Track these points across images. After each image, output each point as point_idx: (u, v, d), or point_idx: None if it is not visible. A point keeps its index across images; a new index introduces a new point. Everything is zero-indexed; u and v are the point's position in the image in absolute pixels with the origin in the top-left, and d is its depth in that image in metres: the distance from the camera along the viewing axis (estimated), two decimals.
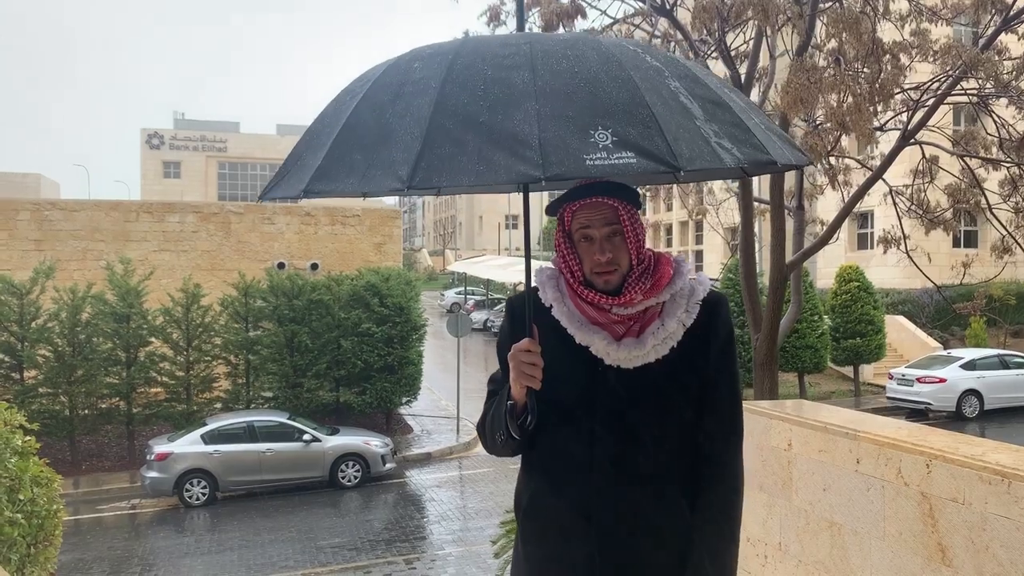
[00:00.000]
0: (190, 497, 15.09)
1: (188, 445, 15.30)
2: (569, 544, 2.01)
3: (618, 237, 1.99)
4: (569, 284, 2.04)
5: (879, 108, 9.54)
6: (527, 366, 1.91)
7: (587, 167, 1.59)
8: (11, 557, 3.97)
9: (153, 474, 15.01)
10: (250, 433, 15.81)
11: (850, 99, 8.81)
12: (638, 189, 2.44)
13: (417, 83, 1.79)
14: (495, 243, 68.45)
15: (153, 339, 18.37)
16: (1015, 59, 10.65)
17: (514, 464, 2.20)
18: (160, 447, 15.25)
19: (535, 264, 2.09)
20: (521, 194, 2.24)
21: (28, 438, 4.48)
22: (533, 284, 2.08)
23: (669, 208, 44.38)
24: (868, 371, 24.42)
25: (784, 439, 4.03)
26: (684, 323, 2.00)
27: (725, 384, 2.06)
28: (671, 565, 2.01)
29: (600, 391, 1.99)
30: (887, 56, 9.06)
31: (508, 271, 35.03)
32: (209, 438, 15.47)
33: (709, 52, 10.18)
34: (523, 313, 2.02)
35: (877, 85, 8.88)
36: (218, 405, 18.93)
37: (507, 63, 1.77)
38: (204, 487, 15.18)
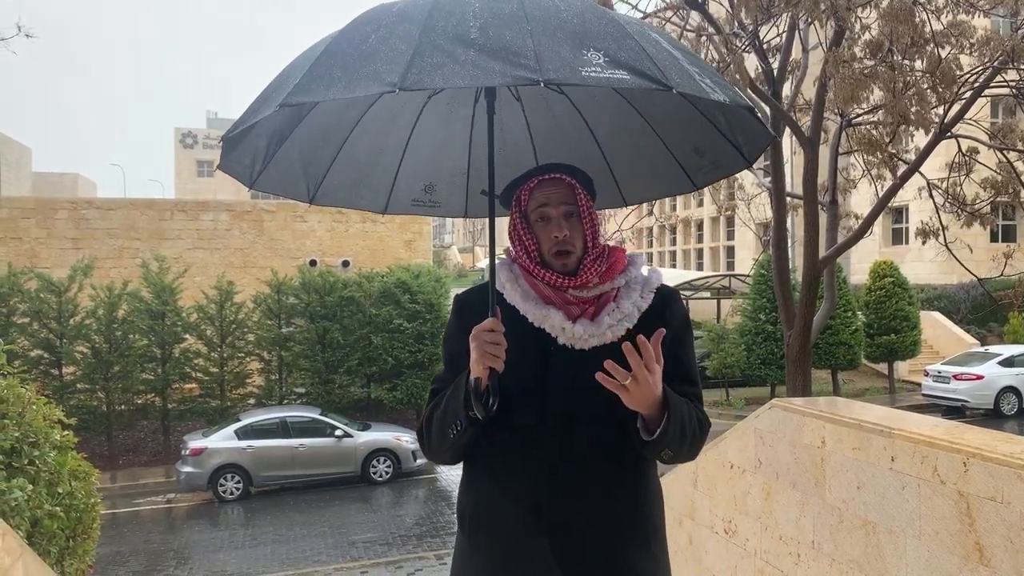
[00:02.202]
0: (224, 492, 15.28)
1: (222, 440, 15.49)
2: (521, 544, 1.93)
3: (574, 219, 2.00)
4: (524, 267, 2.03)
5: (945, 96, 9.33)
6: (490, 345, 1.83)
7: (583, 76, 1.57)
8: (51, 549, 4.05)
9: (188, 469, 15.22)
10: (283, 429, 15.98)
11: (912, 91, 8.62)
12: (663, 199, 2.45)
13: (399, 14, 1.77)
14: None
15: (187, 336, 18.63)
16: None
17: None
18: (195, 442, 15.46)
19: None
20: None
21: (66, 433, 4.56)
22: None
23: (700, 204, 44.07)
24: (903, 368, 24.08)
25: (817, 436, 3.99)
26: (639, 307, 1.99)
27: (684, 360, 2.02)
28: (634, 553, 1.96)
29: (553, 373, 1.94)
30: (930, 46, 8.87)
31: None
32: (243, 433, 15.66)
33: (743, 47, 10.08)
34: (472, 305, 2.00)
35: (938, 74, 8.67)
36: (251, 401, 19.15)
37: None
38: (238, 482, 15.37)
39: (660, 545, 2.05)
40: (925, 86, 8.71)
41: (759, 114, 2.07)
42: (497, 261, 2.08)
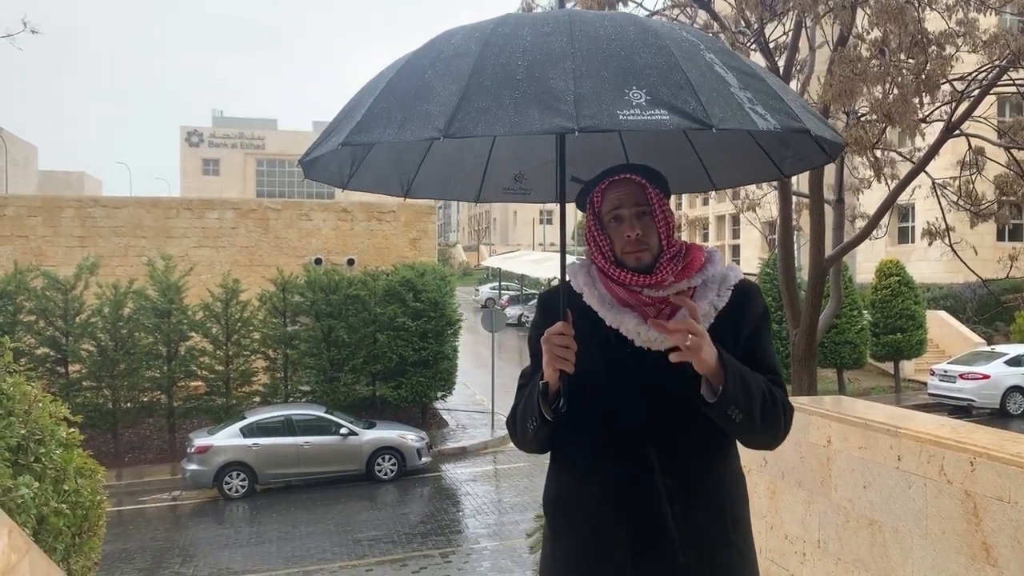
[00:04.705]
0: (229, 489, 15.30)
1: (227, 438, 15.52)
2: (600, 537, 1.98)
3: (647, 217, 2.01)
4: (600, 269, 2.05)
5: (925, 100, 9.34)
6: (560, 348, 1.89)
7: (620, 121, 1.59)
8: (56, 547, 4.05)
9: (193, 467, 15.24)
10: (288, 426, 16.00)
11: (896, 91, 8.63)
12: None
13: (457, 48, 1.84)
14: (529, 238, 68.48)
15: (193, 334, 18.64)
16: None
17: (548, 459, 2.18)
18: (200, 440, 15.49)
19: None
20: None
21: (72, 430, 4.56)
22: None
23: (706, 203, 44.04)
24: (909, 367, 24.01)
25: (823, 435, 3.98)
26: (716, 306, 1.99)
27: (761, 352, 2.02)
28: (714, 544, 1.97)
29: (629, 374, 1.96)
30: (933, 47, 8.85)
31: (542, 266, 34.97)
32: (248, 431, 15.68)
33: (748, 44, 10.06)
34: (554, 305, 2.02)
35: (923, 76, 8.68)
36: (257, 399, 19.17)
37: (545, 30, 1.80)
38: (243, 479, 15.39)
39: (743, 535, 2.05)
40: (911, 87, 8.69)
41: (825, 123, 2.04)
42: (577, 263, 2.11)
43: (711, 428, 1.95)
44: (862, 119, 11.17)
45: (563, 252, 2.10)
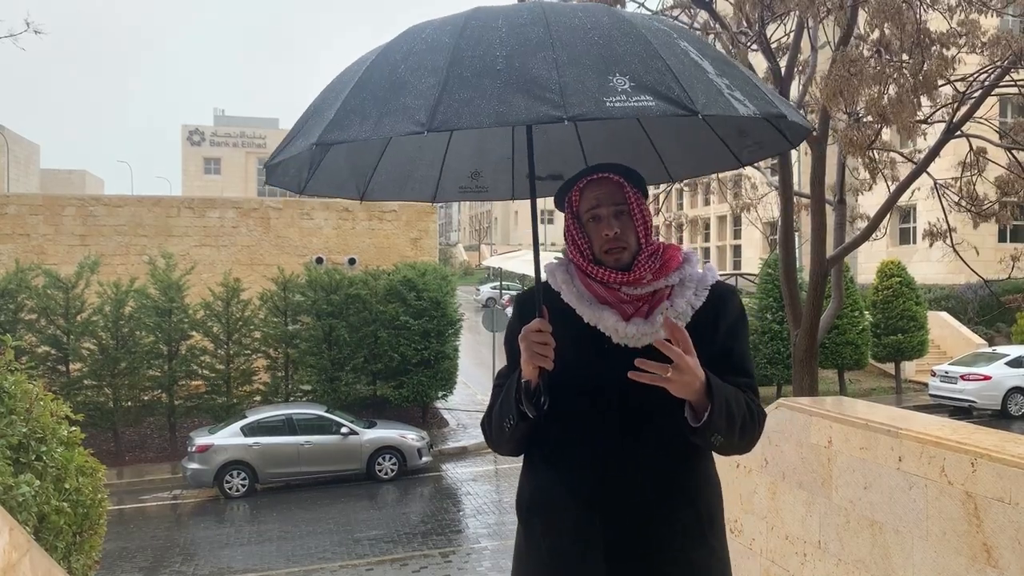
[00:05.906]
0: (230, 488, 15.31)
1: (228, 437, 15.53)
2: (574, 537, 1.98)
3: (625, 216, 2.02)
4: (579, 267, 2.06)
5: (923, 100, 9.33)
6: (538, 345, 1.88)
7: (607, 108, 1.59)
8: (57, 545, 4.06)
9: (194, 465, 15.25)
10: (289, 426, 16.00)
11: (892, 91, 8.62)
12: (679, 184, 2.47)
13: (429, 42, 1.80)
14: (530, 238, 68.35)
15: (194, 333, 18.66)
16: None
17: None
18: (201, 439, 15.50)
19: (546, 257, 2.12)
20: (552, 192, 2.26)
21: (73, 429, 4.56)
22: (542, 274, 2.11)
23: (707, 203, 44.00)
24: (910, 368, 23.99)
25: (824, 436, 3.98)
26: (693, 305, 2.01)
27: (737, 353, 2.03)
28: (689, 544, 1.98)
29: (608, 371, 1.96)
30: (935, 47, 8.84)
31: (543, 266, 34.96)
32: (249, 430, 15.69)
33: (749, 44, 10.05)
34: (531, 305, 2.02)
35: (921, 77, 8.68)
36: (257, 398, 19.17)
37: (520, 21, 1.77)
38: (244, 479, 15.40)
39: (718, 536, 2.06)
40: (908, 87, 8.68)
41: (794, 109, 2.04)
42: (555, 262, 2.12)
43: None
44: (860, 120, 11.17)
45: (536, 248, 2.09)
